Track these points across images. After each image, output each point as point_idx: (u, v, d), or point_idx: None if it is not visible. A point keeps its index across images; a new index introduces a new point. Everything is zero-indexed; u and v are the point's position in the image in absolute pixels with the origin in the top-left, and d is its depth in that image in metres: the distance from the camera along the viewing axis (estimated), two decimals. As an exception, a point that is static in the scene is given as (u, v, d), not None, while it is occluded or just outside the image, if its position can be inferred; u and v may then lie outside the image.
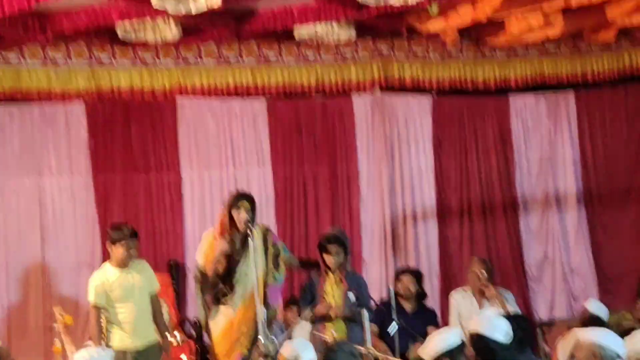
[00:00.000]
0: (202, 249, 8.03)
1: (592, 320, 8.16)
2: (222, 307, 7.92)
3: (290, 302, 9.85)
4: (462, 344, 5.59)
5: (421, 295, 9.94)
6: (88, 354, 6.24)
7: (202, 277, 7.97)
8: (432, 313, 10.09)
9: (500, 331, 5.14)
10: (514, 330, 5.70)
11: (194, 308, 10.36)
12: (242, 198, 7.94)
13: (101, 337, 7.89)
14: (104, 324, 8.00)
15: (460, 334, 5.82)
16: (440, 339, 5.77)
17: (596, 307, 8.43)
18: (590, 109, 11.97)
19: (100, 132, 10.49)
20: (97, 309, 7.89)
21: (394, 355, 8.07)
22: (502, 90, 11.62)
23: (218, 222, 8.02)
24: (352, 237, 10.87)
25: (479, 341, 5.20)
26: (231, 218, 7.84)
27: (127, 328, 7.86)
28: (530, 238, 11.71)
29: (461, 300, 9.83)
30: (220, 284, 7.94)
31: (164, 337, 8.26)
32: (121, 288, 7.89)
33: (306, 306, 8.24)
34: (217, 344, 7.92)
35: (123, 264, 7.94)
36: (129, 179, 10.58)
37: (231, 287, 7.92)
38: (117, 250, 7.88)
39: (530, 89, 11.70)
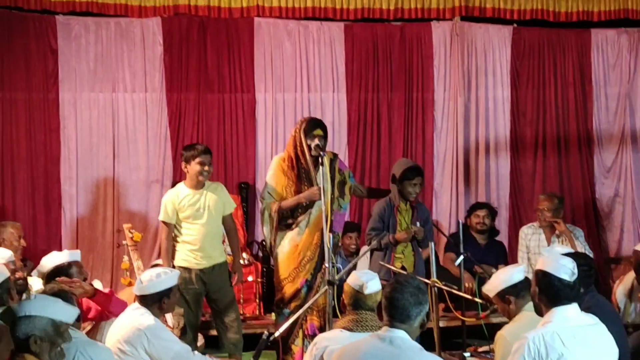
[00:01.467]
0: (272, 176, 7.96)
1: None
2: (288, 232, 7.86)
3: (349, 229, 9.80)
4: (526, 280, 5.65)
5: (494, 230, 9.93)
6: (155, 273, 6.29)
7: (271, 203, 7.90)
8: (502, 247, 10.10)
9: (566, 270, 5.09)
10: (578, 267, 5.64)
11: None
12: (317, 125, 7.84)
13: (171, 254, 7.88)
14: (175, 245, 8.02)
15: (524, 271, 5.93)
16: (505, 275, 5.88)
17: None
18: (674, 46, 11.68)
19: (175, 49, 10.43)
20: (168, 225, 7.88)
21: (460, 286, 8.00)
22: (584, 24, 11.37)
23: (289, 147, 7.92)
24: (425, 166, 10.81)
25: (544, 279, 5.15)
26: (304, 144, 7.74)
27: (194, 248, 7.85)
28: (603, 175, 11.55)
29: (530, 235, 9.84)
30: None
31: (237, 258, 8.26)
32: (192, 208, 7.87)
33: (377, 234, 8.16)
34: (281, 268, 7.89)
35: (198, 183, 7.91)
36: (202, 98, 10.53)
37: (298, 212, 7.85)
38: (193, 168, 7.84)
39: (612, 23, 11.44)
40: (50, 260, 6.55)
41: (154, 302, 6.17)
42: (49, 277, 6.39)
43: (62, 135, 10.18)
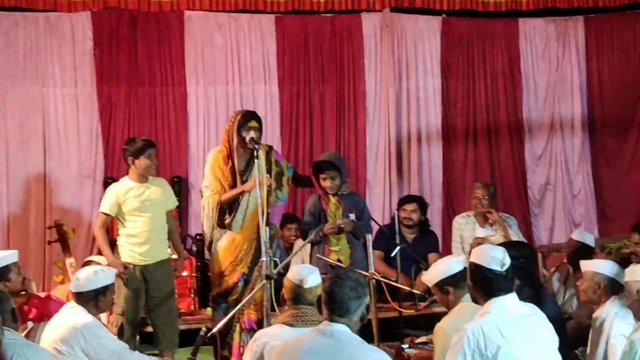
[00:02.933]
0: (209, 169, 7.94)
1: (581, 249, 8.28)
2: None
3: (289, 220, 9.81)
4: (465, 270, 5.62)
5: (424, 223, 9.94)
6: (92, 270, 6.25)
7: (210, 196, 7.88)
8: (434, 237, 10.10)
9: (496, 261, 5.15)
10: (515, 257, 5.71)
11: (197, 224, 10.40)
12: (252, 117, 7.84)
13: (108, 244, 7.86)
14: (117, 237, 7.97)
15: (463, 261, 5.88)
16: (443, 265, 5.90)
17: (582, 236, 8.54)
18: (599, 34, 11.87)
19: (105, 44, 10.32)
20: (106, 216, 7.87)
21: (396, 279, 8.05)
22: (512, 13, 11.48)
23: (223, 140, 7.90)
24: (357, 158, 10.93)
25: (476, 271, 5.21)
26: (239, 136, 7.73)
27: (139, 241, 7.81)
28: (534, 163, 11.71)
29: (464, 225, 9.90)
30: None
31: (179, 254, 8.27)
32: (137, 201, 7.84)
33: (310, 229, 8.17)
34: (218, 262, 7.89)
35: (143, 178, 7.89)
36: (133, 92, 10.44)
37: (234, 206, 7.84)
38: (142, 162, 7.82)
39: (540, 13, 11.57)
40: None
41: (90, 299, 6.13)
42: None
43: (-8, 131, 10.04)
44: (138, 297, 7.84)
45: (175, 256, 8.30)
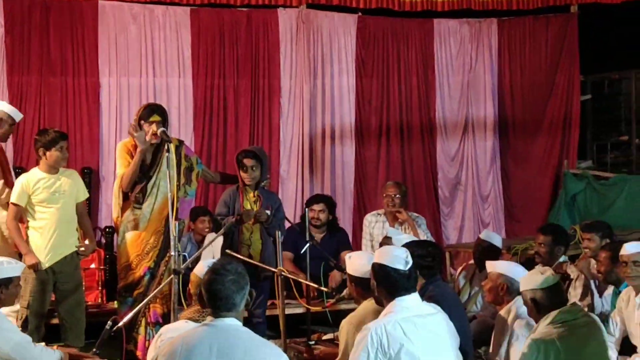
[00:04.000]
0: (119, 159, 7.90)
1: (488, 249, 8.41)
2: (130, 218, 7.85)
3: (202, 213, 9.76)
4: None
5: (332, 222, 9.95)
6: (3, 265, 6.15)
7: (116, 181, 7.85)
8: (343, 235, 10.11)
9: (400, 260, 5.22)
10: (421, 256, 5.78)
11: (107, 215, 10.31)
12: (153, 110, 7.79)
13: (22, 236, 7.72)
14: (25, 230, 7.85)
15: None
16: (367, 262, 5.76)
17: (490, 236, 8.66)
18: (512, 37, 12.09)
19: (17, 31, 10.15)
20: (16, 207, 7.72)
21: (305, 277, 8.07)
22: (428, 14, 11.58)
23: (129, 134, 7.86)
24: (271, 153, 10.89)
25: (380, 271, 5.30)
26: (140, 130, 7.69)
27: (47, 234, 7.69)
28: (445, 163, 11.85)
29: (374, 223, 9.94)
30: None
31: (90, 240, 8.15)
32: (46, 192, 7.72)
33: (223, 219, 8.15)
34: (124, 255, 7.85)
35: (54, 169, 7.78)
36: (44, 82, 10.27)
37: (141, 200, 7.80)
38: (54, 154, 7.70)
39: (455, 14, 11.69)
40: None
41: None
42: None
43: None
44: (45, 290, 7.73)
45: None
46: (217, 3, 10.77)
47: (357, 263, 5.94)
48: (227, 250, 7.89)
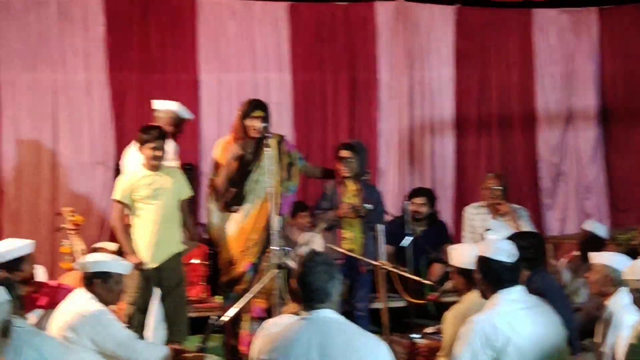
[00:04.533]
0: (216, 156, 7.93)
1: (592, 239, 8.24)
2: (233, 214, 7.83)
3: (301, 208, 9.77)
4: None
5: (432, 215, 9.90)
6: (102, 258, 6.24)
7: (214, 184, 7.87)
8: (444, 228, 10.07)
9: (504, 252, 5.16)
10: (524, 247, 5.68)
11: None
12: (256, 106, 7.80)
13: (128, 238, 7.77)
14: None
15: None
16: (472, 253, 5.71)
17: (594, 227, 8.48)
18: (613, 26, 11.82)
19: (118, 29, 10.31)
20: (120, 204, 7.78)
21: (407, 270, 8.04)
22: (527, 4, 11.47)
23: (232, 130, 7.88)
24: (370, 146, 10.80)
25: (484, 263, 5.25)
26: (244, 126, 7.70)
27: (149, 232, 7.75)
28: (546, 154, 11.67)
29: (475, 215, 9.86)
30: (231, 190, 7.83)
31: (193, 239, 8.21)
32: (148, 189, 7.77)
33: (323, 214, 8.16)
34: (226, 250, 7.86)
35: (153, 166, 7.81)
36: (145, 78, 10.42)
37: (242, 195, 7.82)
38: (145, 152, 7.76)
39: (554, 3, 11.56)
40: (4, 250, 6.43)
41: (91, 280, 6.09)
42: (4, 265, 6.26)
43: (3, 116, 10.01)
44: (149, 286, 7.77)
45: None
46: (315, -2, 10.79)
47: (461, 254, 5.91)
48: (329, 245, 7.91)
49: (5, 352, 4.68)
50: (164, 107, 8.79)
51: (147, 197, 7.78)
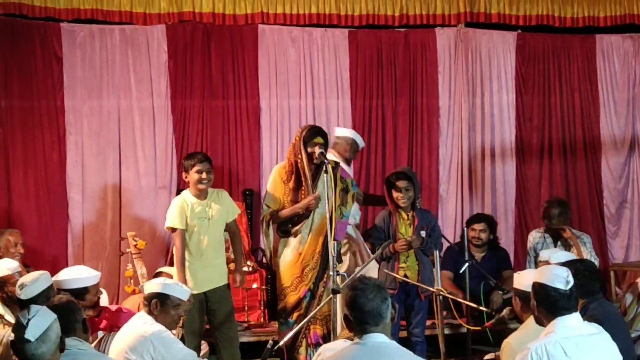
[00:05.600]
0: (271, 185, 7.93)
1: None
2: (290, 240, 7.85)
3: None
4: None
5: (492, 241, 9.83)
6: (162, 281, 6.30)
7: (270, 210, 7.88)
8: (504, 254, 9.99)
9: (560, 279, 5.10)
10: (574, 275, 5.60)
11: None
12: (317, 133, 7.81)
13: (181, 264, 7.75)
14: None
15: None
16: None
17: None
18: (678, 51, 11.68)
19: (180, 56, 10.42)
20: (180, 231, 7.74)
21: (465, 296, 7.99)
22: (589, 29, 11.38)
23: (289, 155, 7.89)
24: (430, 172, 10.90)
25: (540, 290, 5.20)
26: (305, 152, 7.70)
27: (196, 261, 7.78)
28: (610, 180, 11.54)
29: (538, 239, 9.77)
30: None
31: (239, 261, 8.12)
32: (197, 218, 7.78)
33: (379, 244, 8.12)
34: (284, 276, 7.85)
35: (201, 192, 7.81)
36: (207, 105, 10.51)
37: (295, 220, 7.83)
38: (192, 177, 7.74)
39: (618, 29, 11.45)
40: (72, 278, 6.53)
41: (150, 302, 6.16)
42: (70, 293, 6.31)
43: (68, 141, 10.14)
44: (198, 308, 7.72)
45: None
46: (375, 24, 10.81)
47: (524, 277, 5.88)
48: (386, 271, 7.89)
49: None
50: (342, 134, 9.21)
51: (196, 225, 7.79)
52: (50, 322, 4.50)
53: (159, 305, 6.15)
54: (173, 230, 7.80)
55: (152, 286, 6.25)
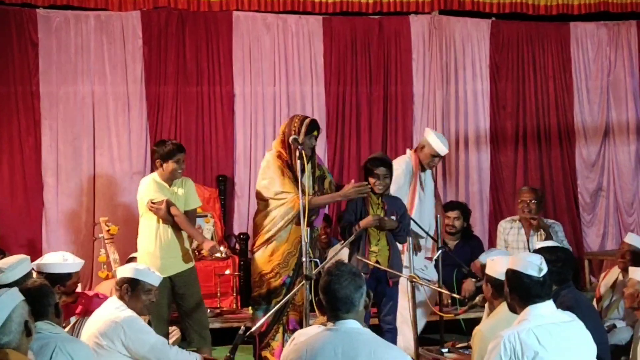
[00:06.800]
0: (274, 175, 7.81)
1: (633, 253, 8.14)
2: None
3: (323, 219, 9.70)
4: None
5: (466, 230, 9.85)
6: (134, 266, 6.32)
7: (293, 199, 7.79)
8: (477, 243, 10.01)
9: (533, 266, 5.11)
10: (551, 261, 5.62)
11: (240, 223, 10.44)
12: (316, 126, 7.78)
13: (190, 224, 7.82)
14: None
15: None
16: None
17: (636, 241, 8.36)
18: (653, 39, 11.73)
19: (154, 43, 10.40)
20: (167, 200, 7.69)
21: (438, 284, 7.98)
22: (564, 17, 11.40)
23: (280, 144, 7.81)
24: (404, 160, 10.84)
25: (513, 277, 5.20)
26: (301, 143, 7.64)
27: (158, 242, 7.74)
28: (585, 168, 11.61)
29: (509, 229, 9.78)
30: None
31: (198, 236, 8.07)
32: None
33: (351, 224, 8.09)
34: (261, 263, 7.81)
35: (171, 180, 7.84)
36: (181, 91, 10.49)
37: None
38: (170, 166, 7.74)
39: (592, 16, 11.48)
40: (57, 263, 6.50)
41: (121, 288, 6.15)
42: (48, 278, 6.27)
43: (43, 126, 10.10)
44: (166, 293, 7.62)
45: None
46: (349, 11, 10.80)
47: (497, 264, 5.86)
48: (357, 257, 7.86)
49: (36, 355, 4.73)
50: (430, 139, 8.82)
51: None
52: (10, 311, 4.42)
53: (130, 290, 6.15)
54: (158, 204, 7.72)
55: (124, 271, 6.25)
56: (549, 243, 7.06)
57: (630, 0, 11.35)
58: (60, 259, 6.51)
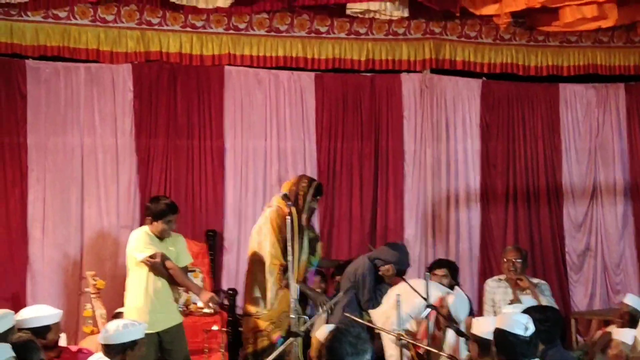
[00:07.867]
0: (276, 232, 7.83)
1: (629, 315, 8.12)
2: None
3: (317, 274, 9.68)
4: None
5: (454, 288, 9.83)
6: (122, 324, 6.26)
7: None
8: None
9: (519, 325, 5.12)
10: (540, 321, 5.63)
11: (229, 278, 10.38)
12: (322, 190, 7.87)
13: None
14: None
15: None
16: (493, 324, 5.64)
17: (634, 302, 8.34)
18: (640, 101, 11.82)
19: (145, 96, 10.39)
20: (162, 253, 7.68)
21: (428, 341, 7.95)
22: (553, 78, 11.50)
23: (286, 204, 7.81)
24: (395, 217, 10.88)
25: (499, 336, 5.24)
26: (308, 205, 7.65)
27: (149, 297, 7.70)
28: (573, 228, 11.65)
29: (496, 288, 9.72)
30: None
31: (195, 288, 8.07)
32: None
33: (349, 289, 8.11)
34: (259, 322, 7.81)
35: (161, 237, 7.80)
36: (171, 144, 10.46)
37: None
38: (159, 226, 7.73)
39: (581, 78, 11.60)
40: (34, 316, 6.45)
41: (118, 353, 6.09)
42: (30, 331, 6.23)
43: (30, 178, 10.01)
44: (153, 348, 7.58)
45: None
46: (341, 68, 10.85)
47: (483, 324, 5.87)
48: (347, 314, 7.85)
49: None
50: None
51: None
52: None
53: (131, 352, 6.14)
54: (154, 257, 7.68)
55: (119, 335, 6.16)
56: (526, 306, 7.07)
57: (618, 63, 11.51)
58: (36, 312, 6.47)
